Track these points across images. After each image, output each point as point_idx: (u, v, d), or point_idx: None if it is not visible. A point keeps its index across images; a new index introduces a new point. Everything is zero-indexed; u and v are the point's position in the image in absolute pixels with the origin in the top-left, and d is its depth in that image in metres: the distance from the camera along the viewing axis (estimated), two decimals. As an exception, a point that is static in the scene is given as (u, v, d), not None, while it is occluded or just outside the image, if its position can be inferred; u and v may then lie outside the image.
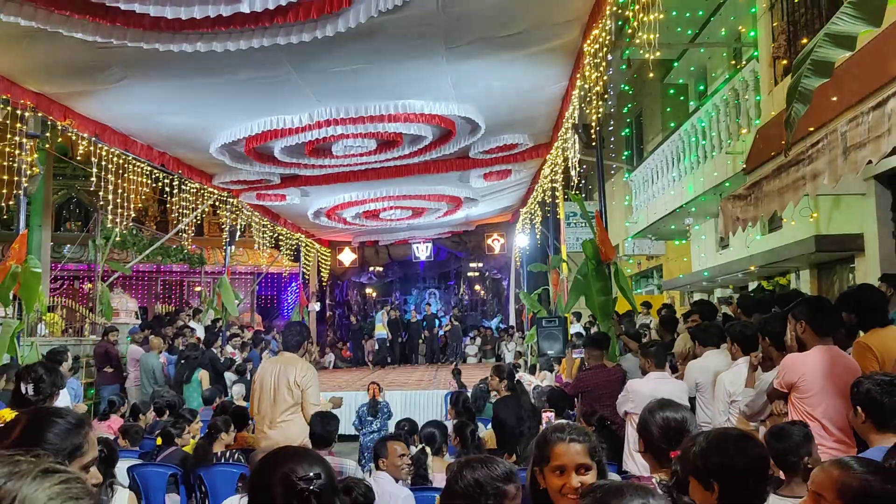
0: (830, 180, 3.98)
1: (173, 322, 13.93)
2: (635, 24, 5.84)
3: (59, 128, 8.63)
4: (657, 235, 14.87)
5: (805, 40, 7.60)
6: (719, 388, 4.95)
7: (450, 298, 26.98)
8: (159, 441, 6.16)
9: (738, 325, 5.10)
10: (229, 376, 11.28)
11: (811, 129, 5.43)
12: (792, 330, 4.04)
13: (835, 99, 5.45)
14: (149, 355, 10.74)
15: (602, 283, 8.32)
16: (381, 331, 19.80)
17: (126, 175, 10.90)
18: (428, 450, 4.99)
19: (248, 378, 12.69)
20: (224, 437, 6.04)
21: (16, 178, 8.23)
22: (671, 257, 15.48)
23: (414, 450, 4.95)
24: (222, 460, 5.72)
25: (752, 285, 11.35)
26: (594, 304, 8.40)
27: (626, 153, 17.13)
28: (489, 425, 7.08)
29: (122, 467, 5.03)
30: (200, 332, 13.16)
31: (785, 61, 8.33)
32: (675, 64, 13.68)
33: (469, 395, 8.47)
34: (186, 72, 7.76)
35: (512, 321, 21.03)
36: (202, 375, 9.93)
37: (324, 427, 5.07)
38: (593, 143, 9.46)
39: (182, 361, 10.27)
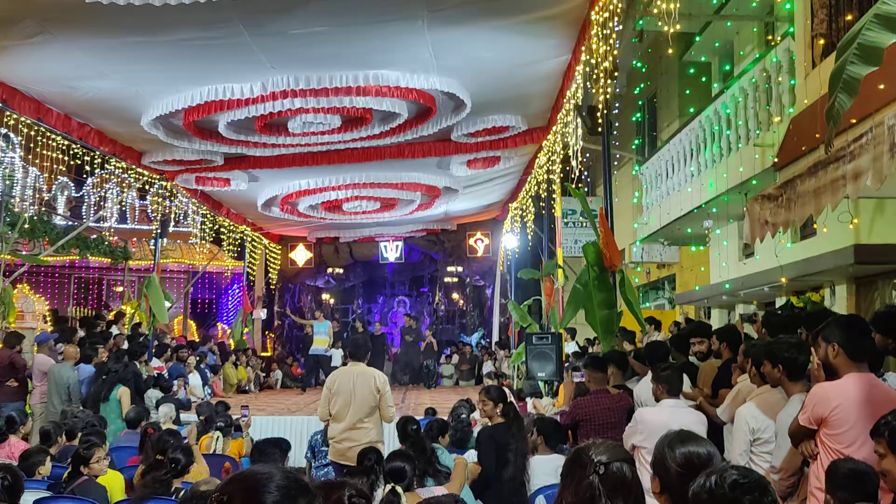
0: (874, 181, 4.03)
1: (94, 328, 13.79)
2: (652, -10, 5.91)
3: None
4: (670, 240, 14.97)
5: (850, 16, 7.71)
6: (739, 423, 4.93)
7: (422, 308, 26.93)
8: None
9: (763, 347, 5.14)
10: (153, 394, 11.20)
11: (853, 120, 5.52)
12: (822, 355, 4.08)
13: (882, 87, 5.53)
14: (61, 366, 10.62)
15: (605, 295, 8.40)
16: (321, 345, 18.07)
17: (37, 150, 10.79)
18: (399, 489, 4.92)
19: (184, 397, 12.64)
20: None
21: None
22: (686, 266, 15.61)
23: (380, 493, 4.91)
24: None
25: (780, 301, 11.47)
26: (595, 318, 8.47)
27: (636, 142, 17.25)
28: (467, 454, 7.11)
29: (27, 500, 4.99)
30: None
31: (824, 40, 8.45)
32: (697, 39, 13.79)
33: (438, 424, 8.34)
34: (116, 28, 7.71)
35: (496, 336, 21.10)
36: (122, 393, 9.86)
37: (262, 455, 5.06)
38: (598, 129, 9.53)
39: (103, 376, 10.18)
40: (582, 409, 6.69)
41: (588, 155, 14.02)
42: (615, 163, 17.24)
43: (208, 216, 17.11)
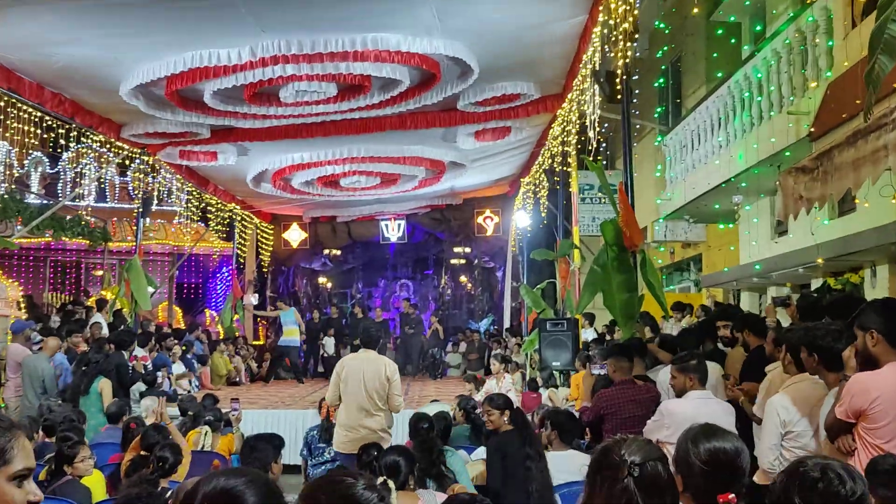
0: (919, 151, 4.02)
1: (71, 315, 13.86)
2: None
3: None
4: (696, 217, 14.94)
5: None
6: (769, 413, 4.93)
7: (427, 292, 26.95)
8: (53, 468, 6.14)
9: (800, 333, 5.10)
10: (137, 387, 11.27)
11: (896, 85, 5.49)
12: (861, 344, 4.06)
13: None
14: (37, 357, 10.68)
15: (625, 277, 8.38)
16: (292, 335, 18.29)
17: (8, 122, 10.79)
18: (391, 484, 4.96)
19: (169, 389, 12.71)
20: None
21: None
22: (714, 245, 15.58)
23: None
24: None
25: (816, 283, 11.46)
26: (614, 302, 8.46)
27: (659, 110, 17.17)
28: (472, 455, 7.13)
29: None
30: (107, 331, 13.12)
31: (866, -3, 8.38)
32: (726, -4, 13.71)
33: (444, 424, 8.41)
34: (91, -11, 7.68)
35: (507, 323, 21.13)
36: (103, 385, 9.90)
37: (254, 452, 5.09)
38: (618, 96, 9.50)
39: (83, 367, 10.24)
40: (606, 402, 6.67)
41: (606, 125, 13.96)
42: (636, 133, 17.17)
43: (194, 193, 17.10)
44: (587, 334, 13.23)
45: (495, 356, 11.61)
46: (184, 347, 15.20)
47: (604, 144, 18.48)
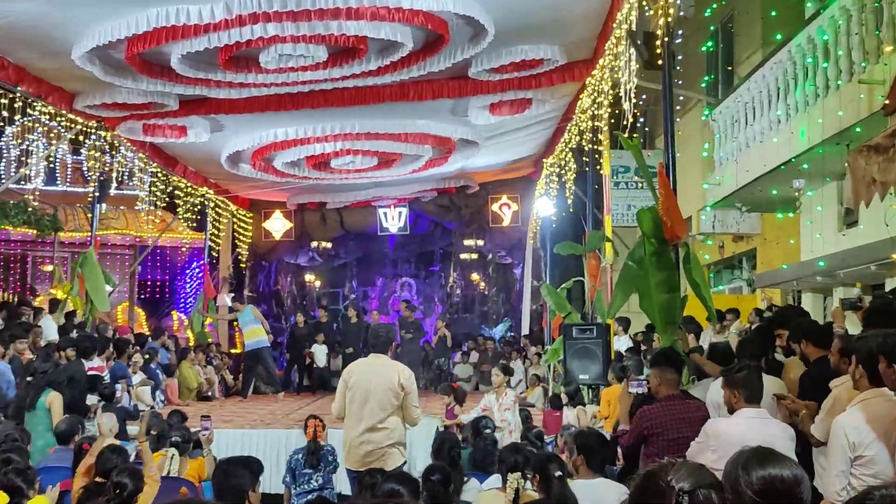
0: None
1: (16, 318, 13.89)
2: None
3: None
4: (750, 205, 14.89)
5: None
6: (836, 435, 4.91)
7: (433, 292, 26.97)
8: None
9: (877, 340, 5.05)
10: (90, 400, 11.29)
11: None
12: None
13: None
14: (-25, 367, 10.72)
15: (665, 274, 8.35)
16: (257, 336, 17.86)
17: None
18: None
19: (129, 403, 12.72)
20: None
21: None
22: (770, 238, 15.54)
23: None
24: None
25: (892, 283, 11.42)
26: (652, 305, 8.44)
27: (706, 79, 17.12)
28: (485, 482, 7.14)
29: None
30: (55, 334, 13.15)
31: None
32: (786, -55, 13.67)
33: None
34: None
35: (525, 329, 21.10)
36: (52, 399, 9.89)
37: (228, 478, 5.09)
38: (658, 62, 9.46)
39: (28, 378, 10.25)
40: (650, 421, 6.61)
41: (644, 96, 13.92)
42: (679, 106, 17.12)
43: (160, 175, 17.14)
44: (620, 343, 13.20)
45: (498, 366, 11.54)
46: (146, 356, 15.21)
47: (641, 119, 18.43)
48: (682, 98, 16.93)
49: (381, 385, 7.89)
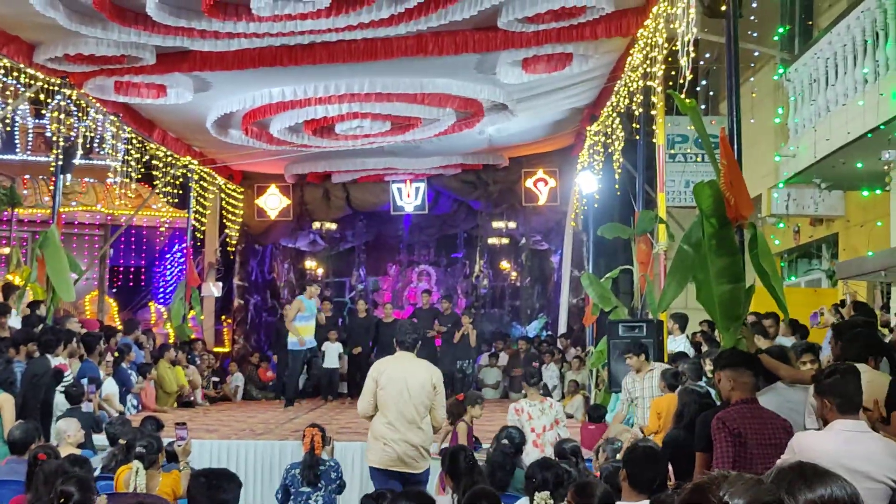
0: None
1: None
2: None
3: None
4: (831, 181, 14.80)
5: None
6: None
7: (455, 283, 26.99)
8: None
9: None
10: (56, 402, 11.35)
11: None
12: None
13: None
14: None
15: (727, 261, 8.30)
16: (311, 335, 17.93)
17: None
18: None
19: (99, 411, 12.78)
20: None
21: None
22: (855, 221, 15.44)
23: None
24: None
25: None
26: (712, 297, 8.37)
27: (779, 30, 17.01)
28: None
29: None
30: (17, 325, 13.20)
31: None
32: None
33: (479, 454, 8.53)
34: None
35: (563, 327, 21.07)
36: (2, 402, 9.96)
37: (213, 491, 5.09)
38: (722, 11, 9.39)
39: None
40: (728, 425, 6.54)
41: (708, 55, 13.83)
42: (750, 63, 17.05)
43: (135, 142, 17.18)
44: (676, 343, 13.08)
45: (527, 373, 11.34)
46: (116, 354, 15.26)
47: (703, 82, 18.35)
48: (755, 54, 16.87)
49: (417, 384, 8.87)
